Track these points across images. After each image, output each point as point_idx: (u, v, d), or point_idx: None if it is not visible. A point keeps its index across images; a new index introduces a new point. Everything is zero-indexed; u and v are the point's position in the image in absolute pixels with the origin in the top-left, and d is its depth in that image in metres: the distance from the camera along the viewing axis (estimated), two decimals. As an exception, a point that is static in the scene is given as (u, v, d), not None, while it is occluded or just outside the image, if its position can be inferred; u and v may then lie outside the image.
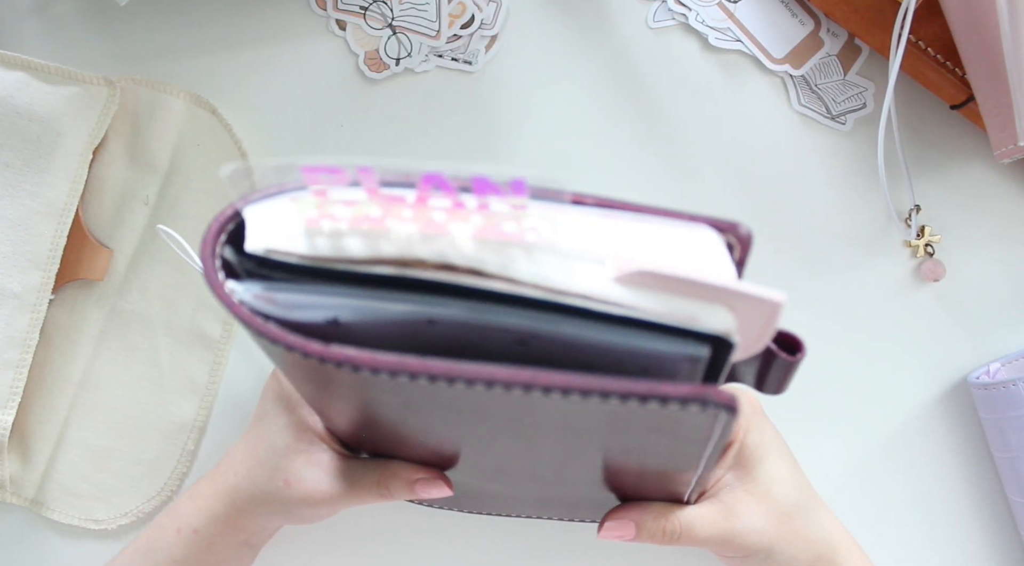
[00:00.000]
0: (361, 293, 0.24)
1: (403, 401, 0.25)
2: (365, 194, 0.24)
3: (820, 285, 0.47)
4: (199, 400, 0.47)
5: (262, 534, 0.41)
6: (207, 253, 0.24)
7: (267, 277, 0.25)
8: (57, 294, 0.45)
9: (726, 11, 0.46)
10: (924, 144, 0.46)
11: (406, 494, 0.36)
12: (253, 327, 0.23)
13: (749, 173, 0.46)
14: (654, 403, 0.23)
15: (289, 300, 0.24)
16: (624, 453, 0.30)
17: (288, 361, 0.25)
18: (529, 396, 0.23)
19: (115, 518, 0.46)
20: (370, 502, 0.37)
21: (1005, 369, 0.46)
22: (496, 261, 0.23)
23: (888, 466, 0.47)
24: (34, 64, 0.42)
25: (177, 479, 0.47)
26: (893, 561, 0.47)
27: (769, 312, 0.24)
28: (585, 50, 0.46)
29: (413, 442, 0.33)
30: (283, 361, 0.26)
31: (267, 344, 0.24)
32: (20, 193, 0.43)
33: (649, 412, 0.23)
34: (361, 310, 0.24)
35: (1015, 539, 0.47)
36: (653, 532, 0.36)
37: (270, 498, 0.38)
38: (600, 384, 0.22)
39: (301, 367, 0.24)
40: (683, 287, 0.23)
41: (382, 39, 0.46)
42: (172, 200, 0.46)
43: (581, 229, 0.24)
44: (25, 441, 0.46)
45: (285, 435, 0.38)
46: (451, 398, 0.24)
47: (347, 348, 0.22)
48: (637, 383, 0.22)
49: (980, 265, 0.46)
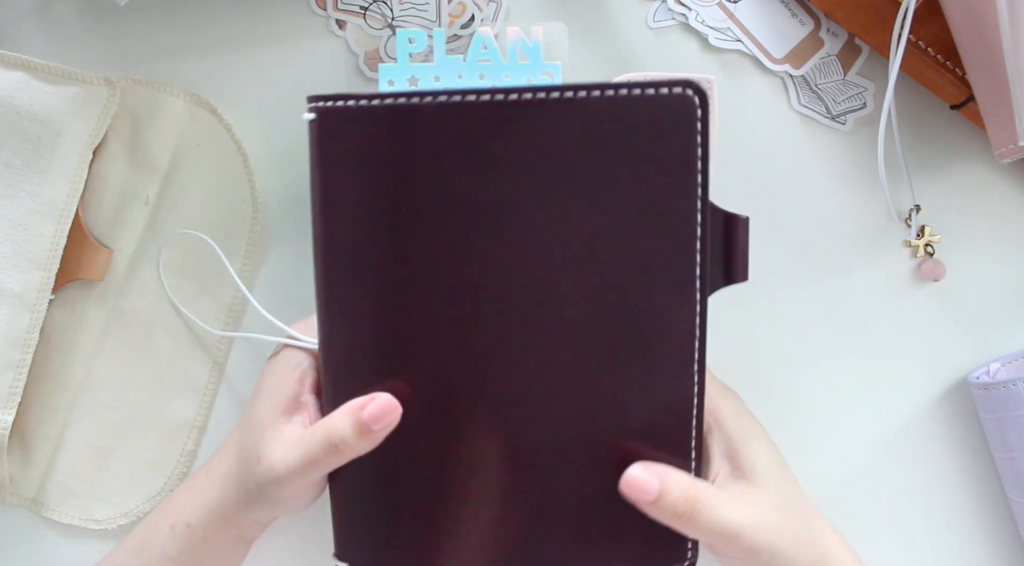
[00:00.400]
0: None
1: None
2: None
3: (820, 285, 0.47)
4: (199, 400, 0.47)
5: (253, 528, 0.41)
6: (310, 99, 0.35)
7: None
8: (57, 294, 0.45)
9: (726, 11, 0.46)
10: (924, 144, 0.46)
11: (357, 433, 0.34)
12: (343, 96, 0.34)
13: (749, 173, 0.46)
14: (624, 91, 0.31)
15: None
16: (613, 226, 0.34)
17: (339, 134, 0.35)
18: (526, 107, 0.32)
19: (115, 518, 0.46)
20: (326, 462, 0.35)
21: (1005, 369, 0.46)
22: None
23: (888, 466, 0.47)
24: (34, 64, 0.42)
25: (177, 479, 0.47)
26: (893, 561, 0.47)
27: (707, 87, 0.33)
28: (585, 50, 0.46)
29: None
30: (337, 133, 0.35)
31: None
32: (20, 193, 0.43)
33: (622, 108, 0.31)
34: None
35: (1015, 539, 0.47)
36: (675, 498, 0.34)
37: (249, 480, 0.37)
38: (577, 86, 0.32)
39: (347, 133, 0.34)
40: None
41: (382, 39, 0.46)
42: (172, 200, 0.46)
43: None
44: (25, 441, 0.46)
45: (265, 411, 0.38)
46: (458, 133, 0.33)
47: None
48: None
49: (980, 265, 0.46)
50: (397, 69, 0.34)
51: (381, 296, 0.35)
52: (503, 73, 0.34)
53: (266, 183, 0.47)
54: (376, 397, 0.35)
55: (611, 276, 0.34)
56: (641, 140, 0.32)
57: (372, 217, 0.35)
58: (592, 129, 0.32)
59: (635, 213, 0.33)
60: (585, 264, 0.34)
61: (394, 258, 0.35)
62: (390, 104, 0.33)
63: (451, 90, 0.33)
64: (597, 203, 0.33)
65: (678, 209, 0.33)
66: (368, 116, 0.33)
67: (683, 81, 0.31)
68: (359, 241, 0.35)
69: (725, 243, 0.35)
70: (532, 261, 0.34)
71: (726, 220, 0.35)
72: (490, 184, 0.33)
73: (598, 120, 0.32)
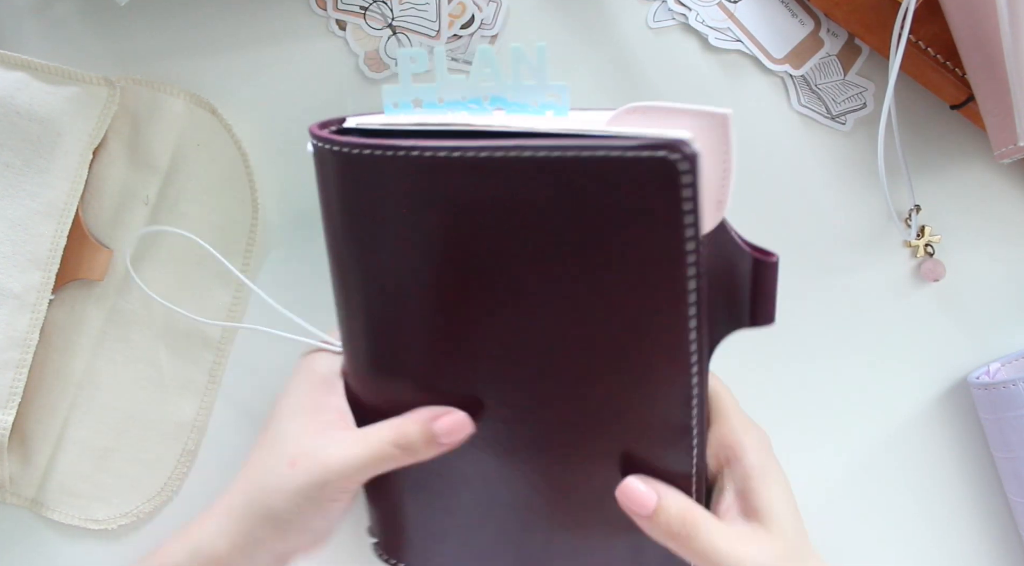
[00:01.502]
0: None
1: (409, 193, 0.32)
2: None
3: (820, 285, 0.47)
4: (199, 400, 0.47)
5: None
6: (313, 127, 0.34)
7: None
8: (57, 294, 0.45)
9: (726, 11, 0.46)
10: (924, 144, 0.46)
11: (426, 442, 0.34)
12: (327, 138, 0.33)
13: (749, 173, 0.46)
14: (602, 152, 0.28)
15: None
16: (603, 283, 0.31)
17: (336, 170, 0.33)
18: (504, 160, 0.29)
19: (115, 518, 0.46)
20: (388, 463, 0.34)
21: (1005, 369, 0.46)
22: (516, 123, 0.31)
23: (888, 466, 0.47)
24: (34, 64, 0.42)
25: (177, 479, 0.47)
26: (893, 561, 0.47)
27: (720, 123, 0.29)
28: (585, 50, 0.46)
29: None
30: (333, 172, 0.33)
31: (334, 154, 0.33)
32: (20, 193, 0.43)
33: (601, 169, 0.28)
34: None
35: (1015, 539, 0.47)
36: (671, 516, 0.33)
37: (272, 497, 0.35)
38: (556, 141, 0.29)
39: (348, 172, 0.33)
40: (655, 116, 0.30)
41: (382, 39, 0.46)
42: (172, 200, 0.46)
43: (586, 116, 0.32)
44: (25, 441, 0.46)
45: (294, 422, 0.36)
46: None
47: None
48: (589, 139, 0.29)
49: (980, 265, 0.47)
50: (400, 91, 0.33)
51: (373, 327, 0.35)
52: (508, 93, 0.32)
53: (266, 183, 0.47)
54: (452, 411, 0.34)
55: (602, 338, 0.32)
56: (623, 201, 0.29)
57: (360, 252, 0.34)
58: (570, 188, 0.29)
59: (622, 275, 0.31)
60: (574, 326, 0.32)
61: (385, 292, 0.34)
62: (368, 153, 0.31)
63: (425, 139, 0.31)
64: (583, 263, 0.31)
65: (667, 274, 0.30)
66: (354, 159, 0.32)
67: (668, 143, 0.27)
68: (353, 272, 0.35)
69: (752, 284, 0.33)
70: (517, 323, 0.32)
71: (753, 261, 0.33)
72: (469, 237, 0.32)
73: (575, 180, 0.29)
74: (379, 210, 0.33)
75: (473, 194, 0.30)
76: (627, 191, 0.29)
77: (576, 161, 0.28)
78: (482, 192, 0.30)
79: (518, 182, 0.30)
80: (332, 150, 0.32)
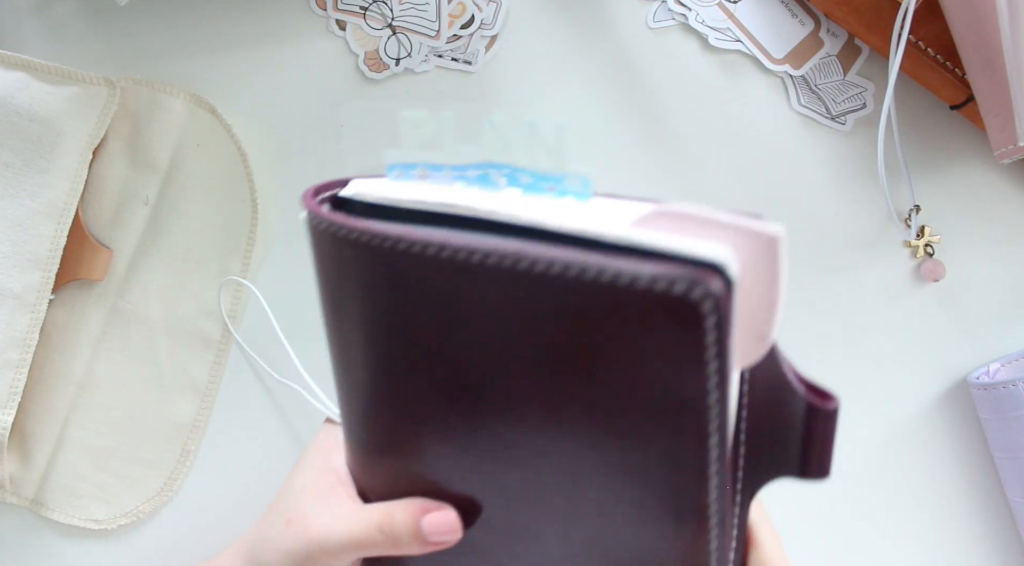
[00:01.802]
0: (407, 225, 0.28)
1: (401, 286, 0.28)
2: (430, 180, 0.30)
3: (820, 285, 0.47)
4: (199, 400, 0.47)
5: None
6: (308, 193, 0.30)
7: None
8: (57, 294, 0.45)
9: (726, 11, 0.46)
10: (924, 144, 0.46)
11: (412, 535, 0.31)
12: (319, 214, 0.28)
13: (749, 173, 0.46)
14: (612, 277, 0.22)
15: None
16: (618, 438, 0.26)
17: (328, 251, 0.29)
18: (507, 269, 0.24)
19: (115, 518, 0.46)
20: (371, 548, 0.32)
21: (1005, 369, 0.46)
22: (526, 213, 0.26)
23: (888, 466, 0.47)
24: (34, 64, 0.42)
25: (177, 479, 0.47)
26: (893, 561, 0.47)
27: (767, 247, 0.24)
28: (585, 50, 0.46)
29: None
30: (326, 252, 0.30)
31: (323, 231, 0.29)
32: (20, 193, 0.43)
33: (608, 296, 0.23)
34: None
35: (1015, 539, 0.47)
36: None
37: (267, 553, 0.34)
38: (563, 252, 0.23)
39: (341, 255, 0.29)
40: (689, 225, 0.24)
41: (382, 39, 0.46)
42: (172, 200, 0.46)
43: (612, 206, 0.27)
44: (25, 441, 0.46)
45: (303, 479, 0.35)
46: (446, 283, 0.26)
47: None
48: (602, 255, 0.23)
49: (980, 265, 0.46)
50: (405, 159, 0.29)
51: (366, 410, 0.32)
52: (523, 177, 0.27)
53: (266, 183, 0.47)
54: (444, 508, 0.31)
55: (598, 483, 0.27)
56: (633, 335, 0.23)
57: (357, 338, 0.31)
58: (575, 309, 0.24)
59: (625, 415, 0.26)
60: (566, 457, 0.27)
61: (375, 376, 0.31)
62: (355, 237, 0.27)
63: (420, 225, 0.27)
64: (582, 390, 0.25)
65: (682, 423, 0.25)
66: (340, 240, 0.28)
67: (692, 277, 0.21)
68: (332, 348, 0.32)
69: (804, 430, 0.28)
70: (505, 439, 0.28)
71: (807, 407, 0.28)
72: (457, 338, 0.27)
73: (580, 301, 0.24)
74: (365, 295, 0.29)
75: (465, 295, 0.26)
76: (638, 326, 0.23)
77: (581, 283, 0.23)
78: (474, 295, 0.26)
79: (515, 291, 0.25)
80: (318, 227, 0.29)
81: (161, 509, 0.47)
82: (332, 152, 0.47)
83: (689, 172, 0.47)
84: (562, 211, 0.26)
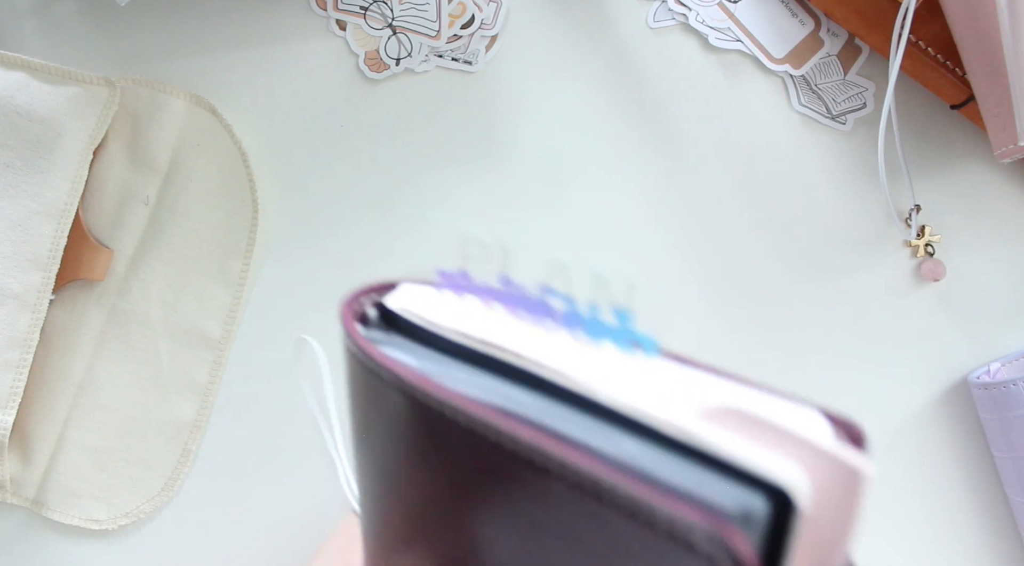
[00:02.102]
0: (453, 362, 0.25)
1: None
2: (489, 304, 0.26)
3: (820, 285, 0.47)
4: (199, 400, 0.47)
5: None
6: (352, 296, 0.27)
7: (384, 332, 0.27)
8: (57, 294, 0.45)
9: (726, 11, 0.46)
10: (924, 144, 0.46)
11: None
12: (367, 350, 0.25)
13: (749, 173, 0.46)
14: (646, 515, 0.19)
15: (389, 354, 0.26)
16: None
17: (366, 391, 0.26)
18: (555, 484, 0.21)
19: (115, 518, 0.46)
20: None
21: (1005, 369, 0.46)
22: (581, 378, 0.23)
23: (888, 466, 0.47)
24: (34, 64, 0.42)
25: (177, 479, 0.47)
26: (893, 561, 0.47)
27: (848, 481, 0.20)
28: (585, 50, 0.46)
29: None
30: (363, 390, 0.27)
31: (364, 366, 0.26)
32: (20, 193, 0.43)
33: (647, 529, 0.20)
34: (447, 375, 0.25)
35: (1015, 539, 0.47)
36: None
37: None
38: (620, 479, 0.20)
39: (376, 398, 0.26)
40: (766, 435, 0.21)
41: (382, 39, 0.46)
42: (172, 200, 0.46)
43: (679, 376, 0.24)
44: (25, 441, 0.46)
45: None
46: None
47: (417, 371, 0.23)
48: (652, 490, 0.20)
49: (980, 265, 0.46)
50: (458, 280, 0.27)
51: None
52: (579, 326, 0.25)
53: (266, 183, 0.47)
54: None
55: None
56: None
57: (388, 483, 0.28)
58: (612, 522, 0.21)
59: None
60: None
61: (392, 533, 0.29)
62: (387, 376, 0.25)
63: (462, 367, 0.25)
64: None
65: None
66: (374, 373, 0.26)
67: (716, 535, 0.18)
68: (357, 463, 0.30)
69: None
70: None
71: None
72: (478, 506, 0.25)
73: (614, 512, 0.21)
74: (393, 441, 0.27)
75: (500, 476, 0.23)
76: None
77: (633, 515, 0.20)
78: (509, 479, 0.23)
79: (559, 496, 0.22)
80: (355, 356, 0.26)
81: (161, 509, 0.47)
82: (332, 152, 0.47)
83: (689, 171, 0.47)
84: (618, 373, 0.23)
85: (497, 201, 0.47)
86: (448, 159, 0.47)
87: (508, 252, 0.25)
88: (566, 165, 0.47)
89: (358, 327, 0.27)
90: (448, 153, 0.47)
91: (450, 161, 0.47)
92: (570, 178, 0.47)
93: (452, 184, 0.47)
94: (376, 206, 0.47)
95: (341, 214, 0.47)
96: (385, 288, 0.28)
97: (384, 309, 0.28)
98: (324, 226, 0.47)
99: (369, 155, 0.47)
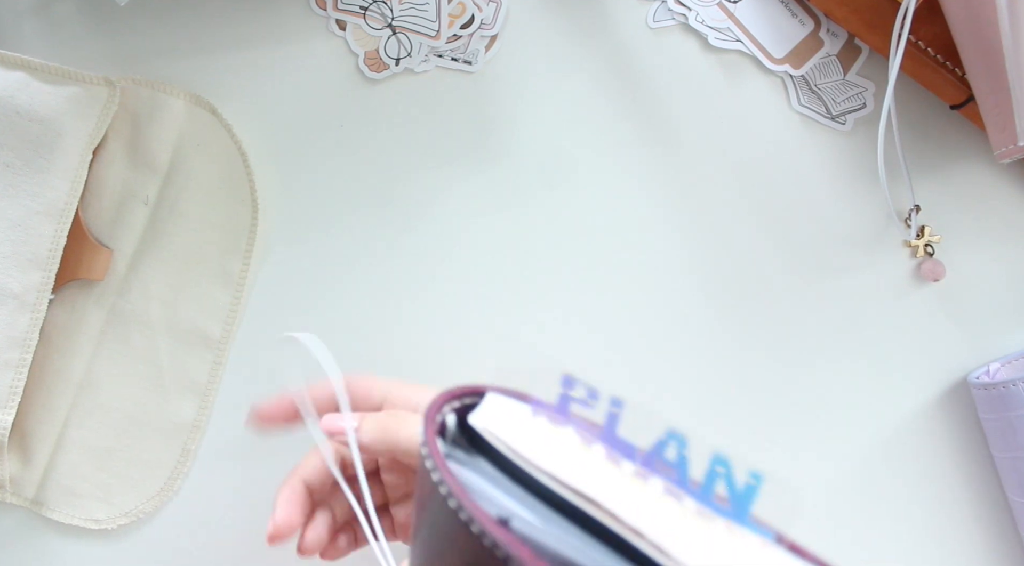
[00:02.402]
0: (547, 512, 0.23)
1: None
2: (590, 441, 0.24)
3: (820, 285, 0.47)
4: (199, 400, 0.47)
5: None
6: (435, 405, 0.25)
7: (466, 451, 0.25)
8: (57, 294, 0.45)
9: (726, 11, 0.46)
10: (924, 144, 0.46)
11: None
12: (452, 485, 0.22)
13: (749, 173, 0.46)
14: None
15: (472, 481, 0.24)
16: None
17: (444, 530, 0.24)
18: None
19: (115, 518, 0.46)
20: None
21: (1005, 369, 0.46)
22: (680, 549, 0.21)
23: (888, 466, 0.47)
24: (34, 64, 0.42)
25: (177, 479, 0.47)
26: (893, 561, 0.47)
27: None
28: (585, 50, 0.46)
29: None
30: (437, 527, 0.24)
31: (444, 505, 0.23)
32: (20, 193, 0.43)
33: None
34: (541, 531, 0.23)
35: (1015, 539, 0.47)
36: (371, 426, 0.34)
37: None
38: None
39: (455, 542, 0.23)
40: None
41: (382, 39, 0.46)
42: (172, 200, 0.46)
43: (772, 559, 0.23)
44: (25, 441, 0.46)
45: None
46: None
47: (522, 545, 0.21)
48: None
49: (980, 265, 0.46)
50: (555, 412, 0.24)
51: None
52: (687, 496, 0.23)
53: (266, 183, 0.47)
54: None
55: None
56: None
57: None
58: None
59: None
60: None
61: None
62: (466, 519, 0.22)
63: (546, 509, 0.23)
64: None
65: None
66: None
67: None
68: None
69: None
70: None
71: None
72: None
73: None
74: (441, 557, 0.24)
75: None
76: None
77: None
78: None
79: None
80: (435, 486, 0.23)
81: (161, 509, 0.47)
82: (332, 152, 0.47)
83: (689, 171, 0.47)
84: (722, 556, 0.21)
85: (497, 200, 0.47)
86: (448, 159, 0.47)
87: (621, 405, 0.23)
88: (566, 164, 0.47)
89: (439, 443, 0.24)
90: (448, 153, 0.47)
91: (450, 161, 0.47)
92: (570, 177, 0.47)
93: (452, 184, 0.47)
94: (376, 206, 0.47)
95: (341, 214, 0.47)
96: (470, 394, 0.26)
97: (466, 423, 0.25)
98: (324, 226, 0.47)
99: (369, 155, 0.47)
